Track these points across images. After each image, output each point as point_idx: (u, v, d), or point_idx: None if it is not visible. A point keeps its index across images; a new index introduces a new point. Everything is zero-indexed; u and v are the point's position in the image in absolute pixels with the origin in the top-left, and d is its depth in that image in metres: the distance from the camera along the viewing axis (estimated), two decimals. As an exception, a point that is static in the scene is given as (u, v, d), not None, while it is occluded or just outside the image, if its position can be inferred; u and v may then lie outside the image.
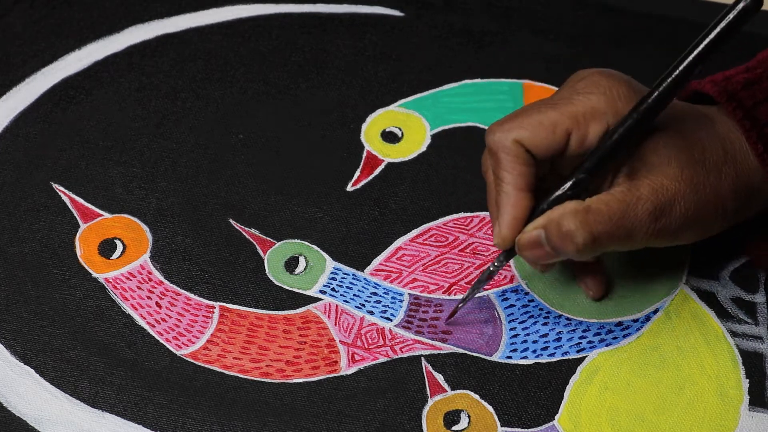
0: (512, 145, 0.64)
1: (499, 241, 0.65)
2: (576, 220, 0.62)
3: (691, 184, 0.63)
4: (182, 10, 0.85)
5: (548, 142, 0.64)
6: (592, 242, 0.63)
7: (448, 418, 0.65)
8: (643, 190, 0.63)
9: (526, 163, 0.64)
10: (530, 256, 0.65)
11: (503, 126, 0.65)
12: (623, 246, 0.64)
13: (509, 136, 0.64)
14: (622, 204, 0.63)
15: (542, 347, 0.68)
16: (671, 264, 0.71)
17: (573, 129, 0.64)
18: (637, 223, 0.63)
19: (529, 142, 0.64)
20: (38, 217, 0.73)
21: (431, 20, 0.84)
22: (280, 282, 0.71)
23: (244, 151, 0.77)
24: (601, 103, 0.64)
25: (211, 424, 0.65)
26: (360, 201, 0.74)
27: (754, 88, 0.66)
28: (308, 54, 0.82)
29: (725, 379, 0.67)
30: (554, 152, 0.64)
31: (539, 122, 0.64)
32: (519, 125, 0.64)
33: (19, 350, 0.67)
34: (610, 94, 0.64)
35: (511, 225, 0.65)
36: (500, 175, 0.65)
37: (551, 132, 0.64)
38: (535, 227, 0.64)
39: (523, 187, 0.64)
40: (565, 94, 0.65)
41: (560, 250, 0.63)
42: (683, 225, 0.64)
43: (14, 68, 0.81)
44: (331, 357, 0.67)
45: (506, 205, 0.65)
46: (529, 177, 0.64)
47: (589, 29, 0.84)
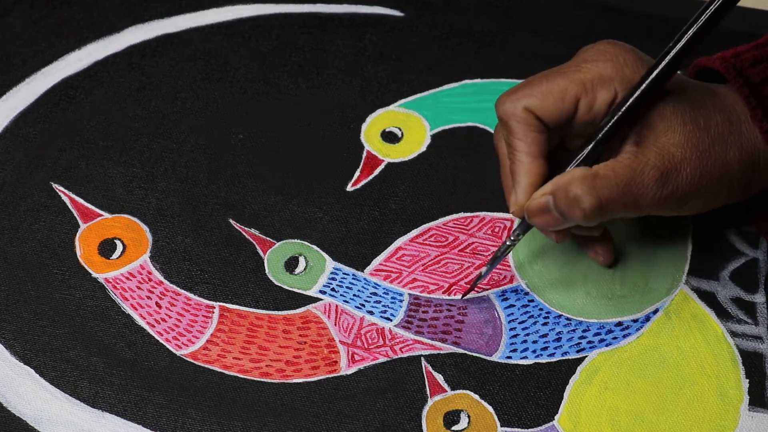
0: (523, 113, 0.65)
1: (516, 209, 0.66)
2: (583, 185, 0.63)
3: (697, 151, 0.64)
4: (182, 10, 0.85)
5: (558, 108, 0.65)
6: (599, 207, 0.63)
7: (448, 418, 0.65)
8: (650, 157, 0.64)
9: (538, 130, 0.65)
10: (539, 222, 0.65)
11: (513, 95, 0.66)
12: (630, 212, 0.64)
13: (519, 105, 0.65)
14: (629, 170, 0.63)
15: (542, 347, 0.68)
16: (671, 264, 0.71)
17: (581, 95, 0.65)
18: (643, 189, 0.63)
19: (539, 110, 0.65)
20: (38, 217, 0.73)
21: (431, 20, 0.84)
22: (279, 282, 0.71)
23: (244, 151, 0.77)
24: (608, 69, 0.65)
25: (210, 424, 0.65)
26: (360, 201, 0.74)
27: (763, 65, 0.66)
28: (308, 54, 0.82)
29: (725, 379, 0.67)
30: (564, 119, 0.65)
31: (548, 90, 0.65)
32: (528, 93, 0.65)
33: (18, 350, 0.67)
34: (617, 60, 0.65)
35: (527, 191, 0.65)
36: (513, 143, 0.66)
37: (560, 99, 0.65)
38: (543, 193, 0.65)
39: (536, 153, 0.65)
40: (574, 62, 0.67)
41: (568, 216, 0.64)
42: (689, 192, 0.64)
43: (14, 68, 0.81)
44: (330, 357, 0.67)
45: (521, 173, 0.65)
46: (541, 144, 0.65)
47: (589, 29, 0.84)
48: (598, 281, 0.71)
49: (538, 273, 0.71)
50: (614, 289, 0.70)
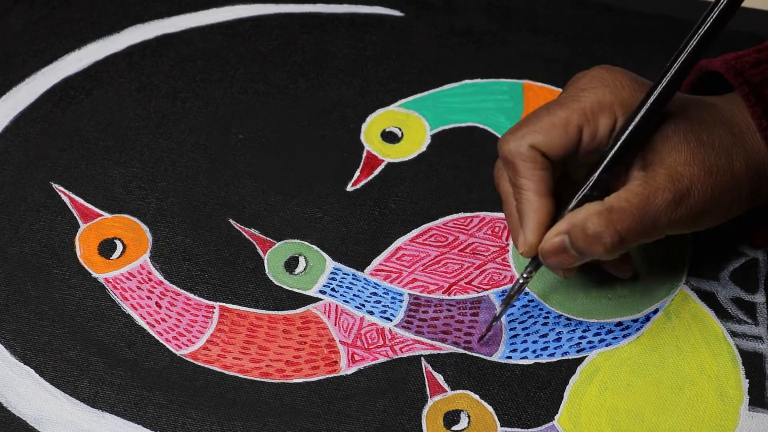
0: (528, 151, 0.64)
1: (525, 250, 0.65)
2: (601, 221, 0.63)
3: (704, 167, 0.64)
4: (182, 10, 0.85)
5: (562, 141, 0.64)
6: (619, 241, 0.63)
7: (448, 418, 0.65)
8: (659, 180, 0.63)
9: (544, 168, 0.65)
10: (555, 262, 0.65)
11: (516, 134, 0.65)
12: (648, 238, 0.64)
13: (524, 143, 0.65)
14: (642, 198, 0.63)
15: (542, 347, 0.68)
16: (671, 264, 0.71)
17: (584, 124, 0.64)
18: (659, 214, 0.63)
19: (544, 145, 0.64)
20: (38, 217, 0.73)
21: (431, 20, 0.84)
22: (279, 282, 0.71)
23: (244, 151, 0.77)
24: (606, 95, 0.65)
25: (210, 424, 0.65)
26: (360, 201, 0.74)
27: (763, 66, 0.66)
28: (308, 54, 0.82)
29: (725, 379, 0.67)
30: (569, 151, 0.65)
31: (551, 123, 0.65)
32: (532, 130, 0.65)
33: (18, 350, 0.67)
34: (614, 85, 0.65)
35: (537, 231, 0.64)
36: (519, 183, 0.65)
37: (564, 131, 0.64)
38: (557, 233, 0.64)
39: (543, 192, 0.65)
40: (570, 92, 0.66)
41: (587, 253, 0.64)
42: (703, 209, 0.64)
43: (14, 68, 0.81)
44: (330, 357, 0.67)
45: (529, 212, 0.65)
46: (548, 181, 0.65)
47: (589, 29, 0.84)
48: (598, 281, 0.71)
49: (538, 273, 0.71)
50: (614, 289, 0.70)
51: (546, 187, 0.65)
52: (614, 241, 0.63)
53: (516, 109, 0.79)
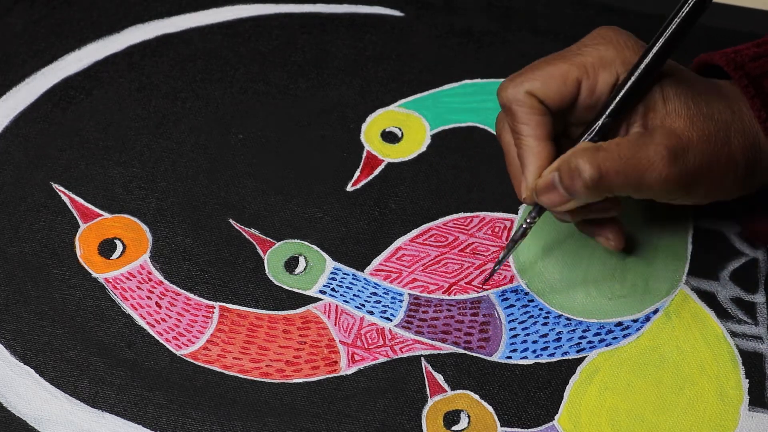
0: (525, 97, 0.65)
1: (527, 194, 0.66)
2: (584, 156, 0.63)
3: (702, 134, 0.64)
4: (182, 10, 0.85)
5: (560, 91, 0.65)
6: (599, 178, 0.63)
7: (448, 418, 0.65)
8: (656, 136, 0.64)
9: (542, 113, 0.65)
10: (546, 200, 0.65)
11: (514, 80, 0.66)
12: (634, 189, 0.64)
13: (521, 89, 0.65)
14: (634, 144, 0.63)
15: (542, 347, 0.68)
16: (671, 264, 0.71)
17: (583, 78, 0.65)
18: (650, 166, 0.63)
19: (541, 93, 0.65)
20: (38, 217, 0.73)
21: (431, 20, 0.84)
22: (279, 282, 0.71)
23: (244, 151, 0.77)
24: (609, 52, 0.66)
25: (211, 424, 0.65)
26: (360, 201, 0.74)
27: (762, 60, 0.67)
28: (308, 54, 0.82)
29: (725, 380, 0.67)
30: (566, 102, 0.65)
31: (549, 73, 0.65)
32: (530, 77, 0.66)
33: (18, 350, 0.67)
34: (617, 43, 0.66)
35: (537, 174, 0.65)
36: (518, 128, 0.66)
37: (562, 82, 0.65)
38: (550, 170, 0.65)
39: (542, 136, 0.65)
40: (574, 47, 0.67)
41: (570, 189, 0.64)
42: (696, 175, 0.64)
43: (14, 68, 0.81)
44: (330, 357, 0.67)
45: (529, 156, 0.65)
46: (547, 126, 0.65)
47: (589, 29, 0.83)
48: (598, 281, 0.71)
49: (538, 273, 0.71)
50: (614, 289, 0.70)
51: (545, 132, 0.65)
52: (593, 177, 0.63)
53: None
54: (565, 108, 0.66)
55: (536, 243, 0.72)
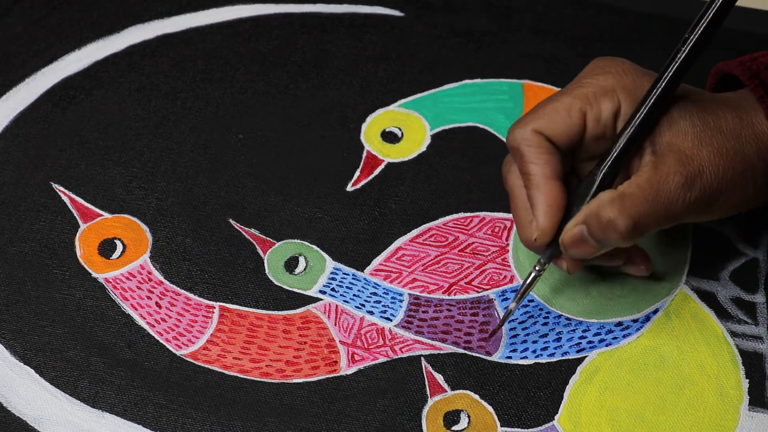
0: (532, 136, 0.65)
1: (539, 234, 0.65)
2: (614, 207, 0.63)
3: (713, 149, 0.64)
4: (182, 10, 0.85)
5: (566, 125, 0.65)
6: (633, 226, 0.63)
7: (448, 418, 0.65)
8: (669, 164, 0.64)
9: (550, 151, 0.65)
10: (576, 253, 0.65)
11: (520, 122, 0.66)
12: (664, 224, 0.64)
13: (528, 129, 0.65)
14: (653, 182, 0.63)
15: (542, 347, 0.68)
16: (671, 264, 0.71)
17: (587, 109, 0.65)
18: (672, 198, 0.63)
19: (547, 130, 0.65)
20: (38, 217, 0.73)
21: (431, 20, 0.84)
22: (279, 282, 0.71)
23: (244, 151, 0.77)
24: (609, 81, 0.66)
25: (211, 424, 0.65)
26: (360, 201, 0.74)
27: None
28: (308, 54, 0.82)
29: (725, 380, 0.67)
30: (574, 136, 0.66)
31: (553, 109, 0.66)
32: (535, 117, 0.66)
33: (18, 350, 0.67)
34: (616, 71, 0.66)
35: (548, 213, 0.65)
36: (527, 169, 0.65)
37: (567, 115, 0.65)
38: (575, 223, 0.64)
39: (551, 175, 0.65)
40: (573, 82, 0.67)
41: (604, 241, 0.64)
42: (716, 190, 0.64)
43: (14, 68, 0.81)
44: (330, 357, 0.67)
45: (539, 196, 0.65)
46: (555, 165, 0.65)
47: (589, 29, 0.84)
48: (598, 281, 0.71)
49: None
50: (614, 289, 0.70)
51: (553, 171, 0.65)
52: (628, 226, 0.63)
53: (516, 109, 0.79)
54: (574, 143, 0.66)
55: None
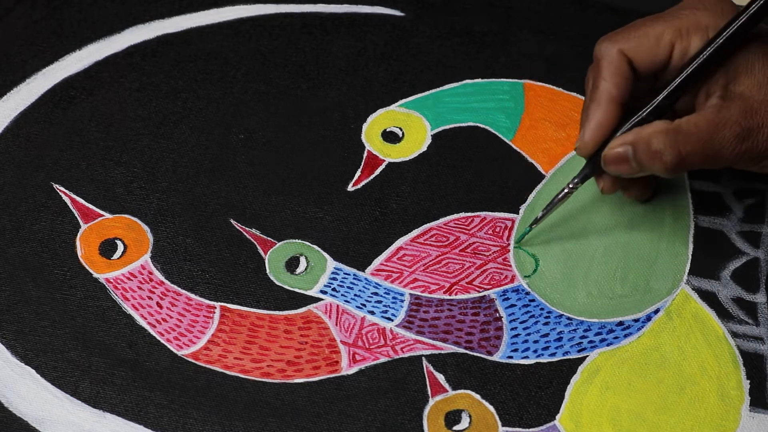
0: (616, 55, 0.67)
1: (579, 145, 0.67)
2: (666, 139, 0.64)
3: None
4: (183, 10, 0.85)
5: (652, 53, 0.67)
6: (679, 162, 0.64)
7: (450, 418, 0.65)
8: (733, 112, 0.64)
9: (625, 76, 0.67)
10: (614, 170, 0.66)
11: (612, 37, 0.68)
12: (710, 165, 0.66)
13: (615, 47, 0.67)
14: (711, 125, 0.64)
15: (543, 347, 0.68)
16: (672, 264, 0.71)
17: (676, 41, 0.66)
18: (724, 144, 0.64)
19: (633, 53, 0.67)
20: (39, 218, 0.73)
21: (432, 20, 0.84)
22: (280, 282, 0.71)
23: (244, 151, 0.77)
24: (705, 17, 0.67)
25: (212, 425, 0.65)
26: (361, 201, 0.74)
27: None
28: (309, 54, 0.82)
29: (726, 380, 0.67)
30: (658, 64, 0.67)
31: (645, 34, 0.67)
32: (626, 37, 0.67)
33: (20, 350, 0.67)
34: (715, 9, 0.67)
35: (594, 130, 0.67)
36: (597, 83, 0.67)
37: (655, 44, 0.67)
38: (622, 143, 0.66)
39: (614, 97, 0.66)
40: (673, 9, 0.68)
41: (647, 167, 0.65)
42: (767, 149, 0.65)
43: (15, 68, 0.81)
44: (332, 357, 0.67)
45: (594, 111, 0.67)
46: (623, 89, 0.66)
47: (589, 29, 0.84)
48: (599, 281, 0.71)
49: (539, 273, 0.71)
50: (615, 289, 0.70)
51: (620, 93, 0.66)
52: (674, 161, 0.64)
53: (516, 109, 0.79)
54: (656, 71, 0.67)
55: (537, 243, 0.72)
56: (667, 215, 0.73)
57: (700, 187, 0.75)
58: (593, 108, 0.67)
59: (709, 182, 0.75)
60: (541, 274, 0.71)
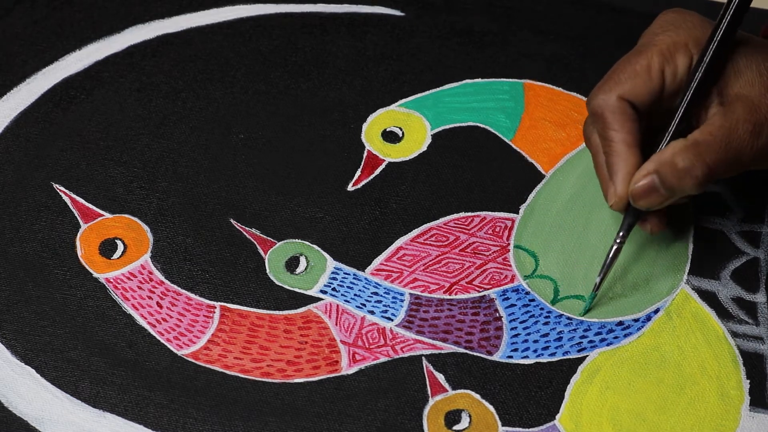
0: (617, 103, 0.66)
1: (615, 201, 0.67)
2: (689, 155, 0.64)
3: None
4: (183, 10, 0.85)
5: (648, 86, 0.67)
6: (708, 173, 0.64)
7: (449, 417, 0.65)
8: (738, 112, 0.65)
9: (633, 119, 0.66)
10: (646, 203, 0.66)
11: (603, 88, 0.67)
12: (734, 171, 0.66)
13: (612, 95, 0.67)
14: (725, 129, 0.64)
15: (543, 347, 0.68)
16: (672, 263, 0.71)
17: (665, 65, 0.67)
18: (742, 144, 0.65)
19: (631, 94, 0.67)
20: (39, 217, 0.73)
21: (432, 20, 0.84)
22: (280, 282, 0.71)
23: (244, 151, 0.77)
24: (680, 35, 0.67)
25: (212, 424, 0.65)
26: (361, 201, 0.74)
27: None
28: (309, 54, 0.82)
29: (726, 380, 0.67)
30: (655, 96, 0.67)
31: (634, 71, 0.67)
32: (617, 81, 0.67)
33: (20, 350, 0.67)
34: (685, 25, 0.67)
35: (626, 181, 0.66)
36: (608, 135, 0.67)
37: (648, 76, 0.67)
38: (646, 173, 0.65)
39: (632, 143, 0.66)
40: (645, 40, 0.68)
41: (678, 189, 0.65)
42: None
43: (15, 68, 0.81)
44: (332, 357, 0.67)
45: (619, 163, 0.66)
46: (636, 133, 0.67)
47: (589, 29, 0.84)
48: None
49: (539, 272, 0.71)
50: (615, 289, 0.70)
51: (635, 138, 0.66)
52: (704, 174, 0.64)
53: (517, 109, 0.79)
54: (655, 104, 0.67)
55: (537, 243, 0.72)
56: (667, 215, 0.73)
57: (700, 187, 0.75)
58: (615, 160, 0.66)
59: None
60: (541, 274, 0.71)
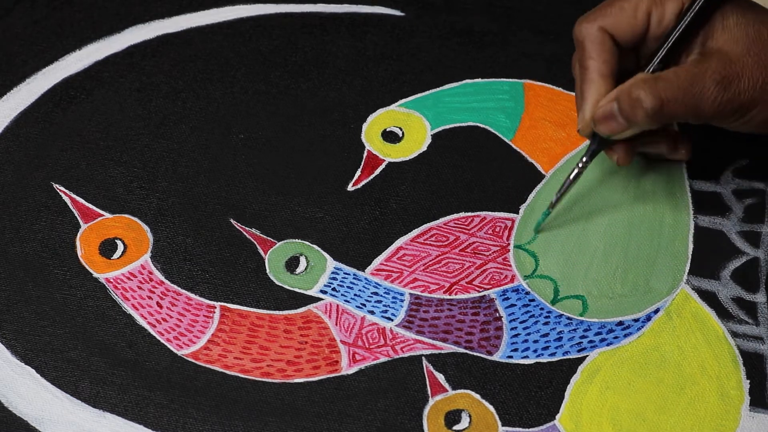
0: (597, 33, 0.68)
1: (582, 126, 0.69)
2: (646, 86, 0.66)
3: (758, 60, 0.66)
4: (183, 10, 0.85)
5: (631, 24, 0.68)
6: (660, 107, 0.66)
7: (449, 417, 0.65)
8: (711, 63, 0.66)
9: (611, 51, 0.68)
10: (605, 129, 0.68)
11: (588, 17, 0.69)
12: (692, 117, 0.67)
13: (595, 25, 0.69)
14: (690, 74, 0.66)
15: (543, 347, 0.68)
16: (672, 263, 0.71)
17: (652, 8, 0.68)
18: (704, 93, 0.66)
19: (613, 28, 0.68)
20: (39, 217, 0.73)
21: (432, 20, 0.84)
22: (280, 282, 0.71)
23: (244, 151, 0.77)
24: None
25: (212, 424, 0.65)
26: (361, 201, 0.74)
27: None
28: (309, 54, 0.82)
29: (726, 380, 0.67)
30: (638, 35, 0.69)
31: (621, 7, 0.69)
32: (602, 14, 0.69)
33: (20, 350, 0.67)
34: None
35: (593, 107, 0.68)
36: (585, 63, 0.69)
37: (633, 15, 0.68)
38: (608, 100, 0.67)
39: (605, 73, 0.68)
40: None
41: (630, 118, 0.66)
42: (750, 100, 0.66)
43: (15, 68, 0.81)
44: (332, 357, 0.67)
45: (589, 90, 0.68)
46: (612, 64, 0.68)
47: (589, 29, 0.84)
48: (599, 280, 0.71)
49: (539, 272, 0.71)
50: (615, 289, 0.70)
51: (609, 69, 0.68)
52: (654, 106, 0.65)
53: (517, 109, 0.79)
54: (637, 42, 0.69)
55: (537, 242, 0.72)
56: (667, 215, 0.73)
57: (700, 187, 0.75)
58: (587, 87, 0.68)
59: (709, 182, 0.75)
60: (541, 274, 0.71)
